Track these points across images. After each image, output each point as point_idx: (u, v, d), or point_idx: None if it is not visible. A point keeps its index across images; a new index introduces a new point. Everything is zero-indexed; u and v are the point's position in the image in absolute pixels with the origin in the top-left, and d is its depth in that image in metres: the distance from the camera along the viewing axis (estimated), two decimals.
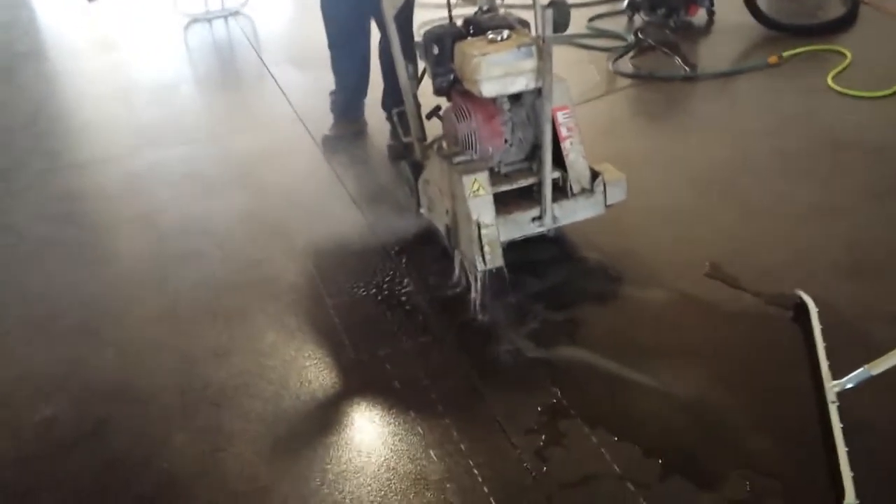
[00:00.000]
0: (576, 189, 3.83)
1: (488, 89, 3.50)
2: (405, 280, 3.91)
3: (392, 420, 3.07)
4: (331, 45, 5.22)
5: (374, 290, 3.85)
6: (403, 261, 4.06)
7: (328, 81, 5.46)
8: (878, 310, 3.41)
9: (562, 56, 6.53)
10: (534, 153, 3.80)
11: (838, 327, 3.31)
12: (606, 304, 3.66)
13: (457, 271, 3.79)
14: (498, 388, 3.19)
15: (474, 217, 3.46)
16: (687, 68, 6.26)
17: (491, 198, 3.49)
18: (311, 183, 4.97)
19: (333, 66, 5.33)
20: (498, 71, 3.46)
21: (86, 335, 3.69)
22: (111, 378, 3.42)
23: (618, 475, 2.75)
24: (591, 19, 7.53)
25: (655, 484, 2.71)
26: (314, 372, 3.35)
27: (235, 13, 8.89)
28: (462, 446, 2.91)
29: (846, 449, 2.70)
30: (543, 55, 3.42)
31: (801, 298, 3.48)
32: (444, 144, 3.88)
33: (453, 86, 3.82)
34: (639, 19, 7.43)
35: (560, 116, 3.76)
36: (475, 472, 2.80)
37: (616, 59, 6.58)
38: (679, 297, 3.65)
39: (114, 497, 2.83)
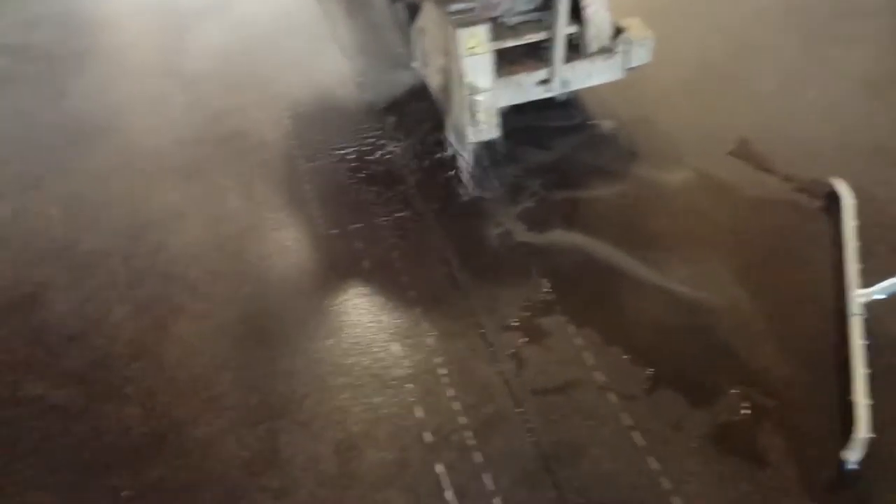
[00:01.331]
0: (593, 48, 3.27)
1: None
2: (390, 144, 3.45)
3: (356, 306, 2.74)
4: None
5: (353, 154, 3.41)
6: (390, 121, 3.59)
7: None
8: None
9: None
10: (547, 2, 3.21)
11: (876, 225, 2.86)
12: (615, 182, 3.20)
13: (447, 138, 3.32)
14: (479, 275, 2.82)
15: (468, 79, 2.95)
16: None
17: (490, 57, 2.95)
18: (296, 21, 4.39)
19: None
20: None
21: (31, 188, 3.33)
22: (54, 237, 3.09)
23: (600, 384, 2.43)
24: None
25: (641, 396, 2.39)
26: (276, 245, 3.00)
27: None
28: (430, 341, 2.59)
29: (866, 371, 2.34)
30: None
31: (834, 187, 3.01)
32: None
33: None
34: None
35: None
36: (440, 371, 2.49)
37: None
38: (698, 178, 3.19)
39: (41, 370, 2.57)
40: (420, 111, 3.61)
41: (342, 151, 3.43)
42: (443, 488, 2.18)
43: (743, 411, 2.34)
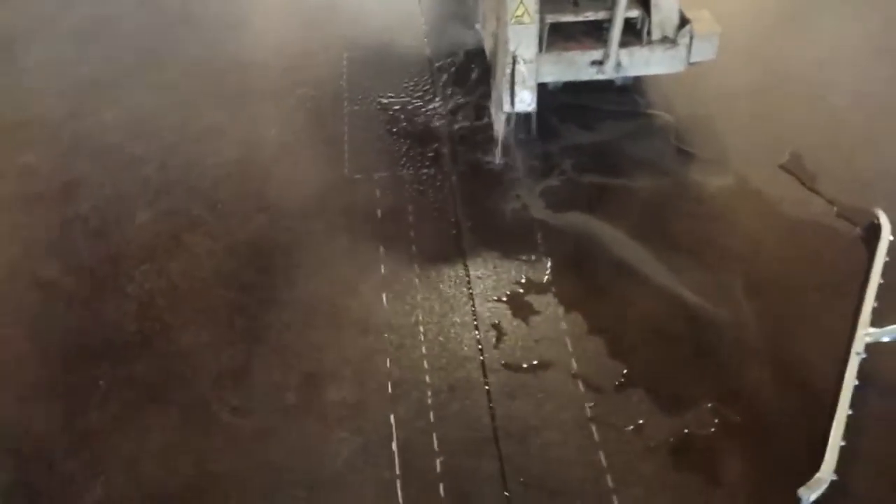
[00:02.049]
0: (655, 35, 3.15)
1: None
2: (436, 100, 3.46)
3: (358, 251, 2.78)
4: None
5: (397, 104, 3.44)
6: (443, 79, 3.59)
7: None
8: None
9: None
10: None
11: None
12: (651, 176, 3.10)
13: (490, 105, 3.30)
14: (484, 243, 2.81)
15: (511, 48, 2.91)
16: None
17: (535, 28, 2.89)
18: None
19: None
20: None
21: (96, 89, 3.53)
22: (102, 139, 3.27)
23: (572, 371, 2.40)
24: None
25: (609, 391, 2.35)
26: (301, 179, 3.07)
27: None
28: (419, 297, 2.62)
29: (849, 412, 2.23)
30: None
31: (877, 218, 2.84)
32: None
33: None
34: None
35: None
36: (420, 328, 2.52)
37: None
38: (739, 186, 3.06)
39: (59, 257, 2.76)
40: (474, 74, 3.59)
41: (387, 100, 3.47)
42: (391, 439, 2.23)
43: (712, 427, 2.27)
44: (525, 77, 2.97)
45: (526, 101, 3.02)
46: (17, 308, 2.59)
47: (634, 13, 3.14)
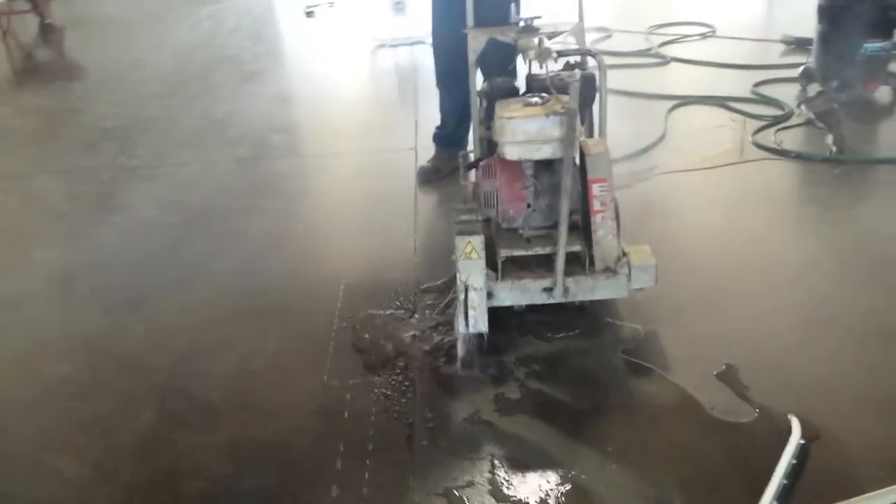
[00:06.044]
0: (598, 266, 3.65)
1: (510, 152, 3.47)
2: (414, 318, 3.99)
3: (320, 444, 3.20)
4: (437, 83, 5.46)
5: (380, 320, 3.98)
6: (425, 300, 4.14)
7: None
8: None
9: (705, 117, 6.41)
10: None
11: (824, 469, 2.92)
12: (594, 385, 3.46)
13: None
14: (434, 443, 3.18)
15: (462, 278, 3.46)
16: (833, 149, 5.66)
17: (482, 262, 3.44)
18: (385, 207, 5.24)
19: (439, 103, 5.55)
20: (522, 136, 3.41)
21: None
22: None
23: None
24: (757, 84, 7.06)
25: None
26: (281, 386, 3.57)
27: (420, 42, 9.21)
28: (365, 490, 2.95)
29: None
30: (567, 127, 3.35)
31: (791, 423, 3.10)
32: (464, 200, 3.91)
33: None
34: (814, 90, 6.83)
35: (595, 189, 3.59)
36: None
37: (760, 129, 6.13)
38: (676, 394, 3.38)
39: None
40: (451, 296, 4.09)
41: (372, 317, 4.01)
42: None
43: None
44: (476, 303, 3.47)
45: (477, 323, 3.49)
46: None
47: (578, 248, 3.66)
